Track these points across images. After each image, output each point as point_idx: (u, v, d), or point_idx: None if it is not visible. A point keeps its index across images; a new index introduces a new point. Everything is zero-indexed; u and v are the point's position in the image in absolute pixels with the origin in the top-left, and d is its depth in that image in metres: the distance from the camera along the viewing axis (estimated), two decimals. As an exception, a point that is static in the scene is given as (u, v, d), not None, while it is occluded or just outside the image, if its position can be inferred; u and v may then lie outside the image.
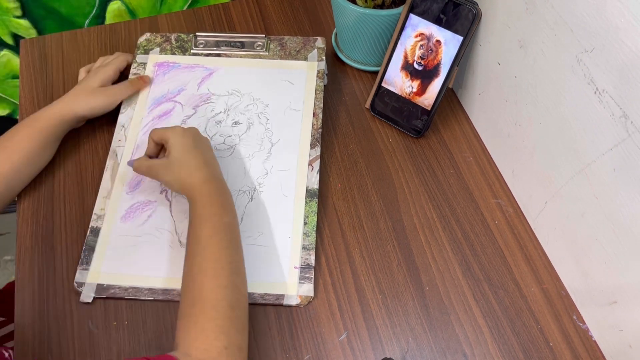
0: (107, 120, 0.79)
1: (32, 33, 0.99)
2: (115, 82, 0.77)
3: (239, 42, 0.83)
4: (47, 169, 0.74)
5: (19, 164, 0.68)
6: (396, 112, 0.77)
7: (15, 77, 1.06)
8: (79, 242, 0.68)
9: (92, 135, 0.77)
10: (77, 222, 0.69)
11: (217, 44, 0.83)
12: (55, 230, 0.69)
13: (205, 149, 0.66)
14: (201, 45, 0.83)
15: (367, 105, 0.80)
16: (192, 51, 0.82)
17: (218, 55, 0.82)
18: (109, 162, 0.72)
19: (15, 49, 1.01)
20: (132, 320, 0.62)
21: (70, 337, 0.61)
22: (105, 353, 0.60)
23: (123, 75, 0.79)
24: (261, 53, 0.82)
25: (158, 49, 0.82)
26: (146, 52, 0.82)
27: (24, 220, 0.70)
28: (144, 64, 0.81)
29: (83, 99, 0.73)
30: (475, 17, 0.68)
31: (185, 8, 1.02)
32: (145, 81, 0.78)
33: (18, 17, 0.96)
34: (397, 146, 0.76)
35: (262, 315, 0.63)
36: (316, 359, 0.60)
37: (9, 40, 0.99)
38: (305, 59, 0.81)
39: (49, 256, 0.67)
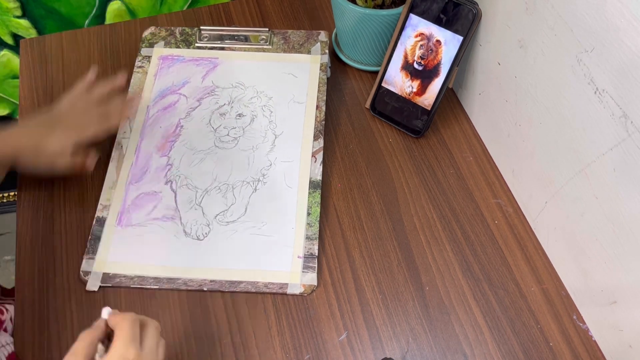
0: (107, 120, 0.79)
1: (32, 33, 0.99)
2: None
3: (243, 35, 0.83)
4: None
5: None
6: (396, 112, 0.77)
7: (15, 77, 1.06)
8: (79, 242, 0.68)
9: (92, 135, 0.77)
10: (77, 222, 0.69)
11: (221, 38, 0.83)
12: (55, 230, 0.69)
13: None
14: (205, 39, 0.83)
15: (367, 105, 0.80)
16: (196, 45, 0.83)
17: (222, 48, 0.83)
18: (114, 154, 0.73)
19: (15, 49, 1.01)
20: (132, 320, 0.62)
21: (70, 337, 0.61)
22: (105, 353, 0.60)
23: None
24: (264, 47, 0.82)
25: (163, 42, 0.83)
26: (151, 45, 0.83)
27: (24, 220, 0.70)
28: (149, 57, 0.82)
29: (35, 137, 0.66)
30: (475, 17, 0.68)
31: (185, 8, 1.02)
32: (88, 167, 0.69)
33: (18, 17, 0.96)
34: (397, 146, 0.76)
35: (262, 315, 0.63)
36: (316, 359, 0.60)
37: (9, 40, 0.99)
38: (309, 52, 0.82)
39: (49, 256, 0.67)
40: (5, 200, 1.42)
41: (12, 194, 1.41)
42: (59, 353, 0.60)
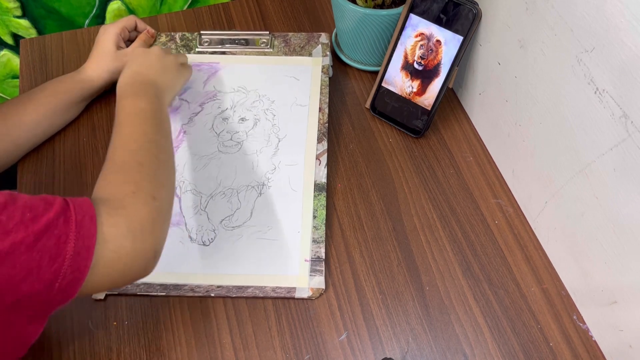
0: (107, 120, 0.79)
1: (32, 33, 0.99)
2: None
3: (244, 39, 0.83)
4: (47, 169, 0.74)
5: (41, 117, 0.73)
6: (396, 112, 0.77)
7: (15, 77, 1.06)
8: (79, 242, 0.67)
9: (92, 135, 0.77)
10: (77, 222, 0.69)
11: (222, 42, 0.83)
12: (55, 230, 0.69)
13: (153, 62, 0.70)
14: (206, 44, 0.83)
15: (367, 105, 0.80)
16: (196, 49, 0.83)
17: (223, 53, 0.82)
18: None
19: (15, 49, 1.01)
20: (132, 320, 0.62)
21: (70, 337, 0.61)
22: (105, 353, 0.60)
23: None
24: (266, 50, 0.82)
25: (163, 47, 0.83)
26: None
27: (24, 220, 0.70)
28: None
29: (103, 65, 0.77)
30: (475, 17, 0.68)
31: (185, 8, 1.02)
32: (151, 35, 0.83)
33: (18, 17, 0.96)
34: (397, 146, 0.76)
35: (262, 316, 0.63)
36: (316, 359, 0.60)
37: (9, 40, 0.99)
38: (310, 54, 0.81)
39: (49, 256, 0.67)
40: (5, 200, 1.42)
41: (12, 194, 1.41)
42: (59, 353, 0.60)
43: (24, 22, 0.97)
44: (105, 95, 0.81)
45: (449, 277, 0.65)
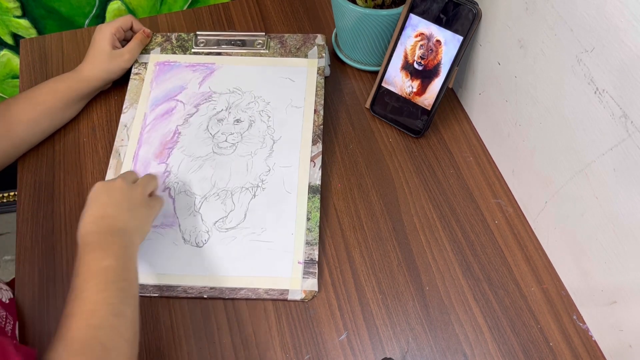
0: (107, 120, 0.79)
1: (32, 33, 0.99)
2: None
3: (239, 40, 0.83)
4: (47, 168, 0.74)
5: (40, 115, 0.73)
6: (396, 112, 0.77)
7: (15, 77, 1.06)
8: (79, 242, 0.68)
9: (92, 135, 0.77)
10: (77, 222, 0.69)
11: (218, 43, 0.83)
12: (55, 230, 0.69)
13: (119, 201, 0.60)
14: (202, 44, 0.83)
15: (367, 105, 0.80)
16: (192, 50, 0.82)
17: (219, 53, 0.82)
18: (112, 162, 0.72)
19: (15, 49, 1.01)
20: (132, 320, 0.62)
21: (70, 337, 0.61)
22: (105, 353, 0.60)
23: (127, 77, 0.80)
24: (261, 51, 0.82)
25: (159, 48, 0.83)
26: (147, 51, 0.82)
27: (24, 220, 0.70)
28: (145, 63, 0.81)
29: (99, 65, 0.77)
30: (475, 17, 0.68)
31: (185, 8, 1.02)
32: (147, 35, 0.82)
33: (18, 17, 0.96)
34: (397, 146, 0.76)
35: (262, 315, 0.63)
36: (316, 359, 0.60)
37: (9, 40, 0.99)
38: (306, 56, 0.81)
39: (49, 256, 0.67)
40: (5, 200, 1.42)
41: (12, 194, 1.41)
42: (59, 353, 0.60)
43: (24, 22, 0.97)
44: (105, 95, 0.81)
45: (449, 277, 0.65)
